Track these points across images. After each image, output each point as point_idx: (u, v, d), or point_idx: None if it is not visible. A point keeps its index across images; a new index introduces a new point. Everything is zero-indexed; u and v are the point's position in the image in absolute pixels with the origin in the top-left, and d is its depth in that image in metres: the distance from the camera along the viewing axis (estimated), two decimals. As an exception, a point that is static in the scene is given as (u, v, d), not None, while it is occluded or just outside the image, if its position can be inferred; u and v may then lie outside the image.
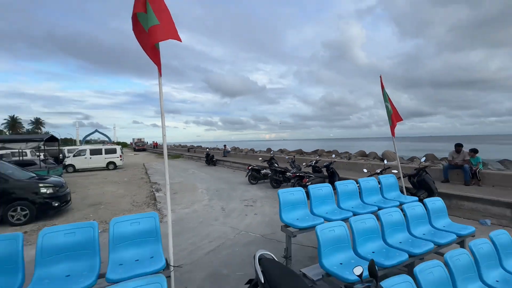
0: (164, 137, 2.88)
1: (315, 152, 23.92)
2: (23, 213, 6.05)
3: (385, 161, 8.00)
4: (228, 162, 18.06)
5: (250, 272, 3.41)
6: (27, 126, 66.84)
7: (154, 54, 2.64)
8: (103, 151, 18.13)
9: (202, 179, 12.45)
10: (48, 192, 6.34)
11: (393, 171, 5.58)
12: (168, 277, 2.41)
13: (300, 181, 8.16)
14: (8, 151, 15.09)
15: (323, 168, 8.80)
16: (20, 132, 62.51)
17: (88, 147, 18.92)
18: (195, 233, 5.24)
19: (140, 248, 2.74)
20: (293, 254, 3.51)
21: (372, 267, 1.56)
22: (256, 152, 21.71)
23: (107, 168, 17.91)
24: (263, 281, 1.79)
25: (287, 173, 9.50)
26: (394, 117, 5.57)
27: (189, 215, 6.55)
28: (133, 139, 54.82)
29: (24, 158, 13.46)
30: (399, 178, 5.33)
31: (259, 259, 1.96)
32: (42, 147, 14.40)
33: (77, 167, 16.98)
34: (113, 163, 18.10)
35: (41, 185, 6.34)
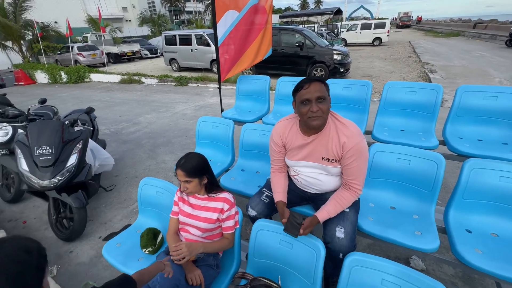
0: None
1: None
2: (321, 73, 7.35)
3: None
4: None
5: None
6: (311, 5, 76.35)
7: None
8: (372, 26, 16.87)
9: (498, 65, 8.34)
10: (338, 58, 7.01)
11: None
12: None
13: None
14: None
15: None
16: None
17: (359, 22, 18.32)
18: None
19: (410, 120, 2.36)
20: None
21: None
22: None
23: (372, 44, 17.02)
24: None
25: None
26: None
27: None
28: (399, 13, 45.61)
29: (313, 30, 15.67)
30: None
31: None
32: (324, 23, 15.74)
33: (348, 41, 17.56)
34: (379, 38, 16.70)
35: (334, 52, 7.06)
